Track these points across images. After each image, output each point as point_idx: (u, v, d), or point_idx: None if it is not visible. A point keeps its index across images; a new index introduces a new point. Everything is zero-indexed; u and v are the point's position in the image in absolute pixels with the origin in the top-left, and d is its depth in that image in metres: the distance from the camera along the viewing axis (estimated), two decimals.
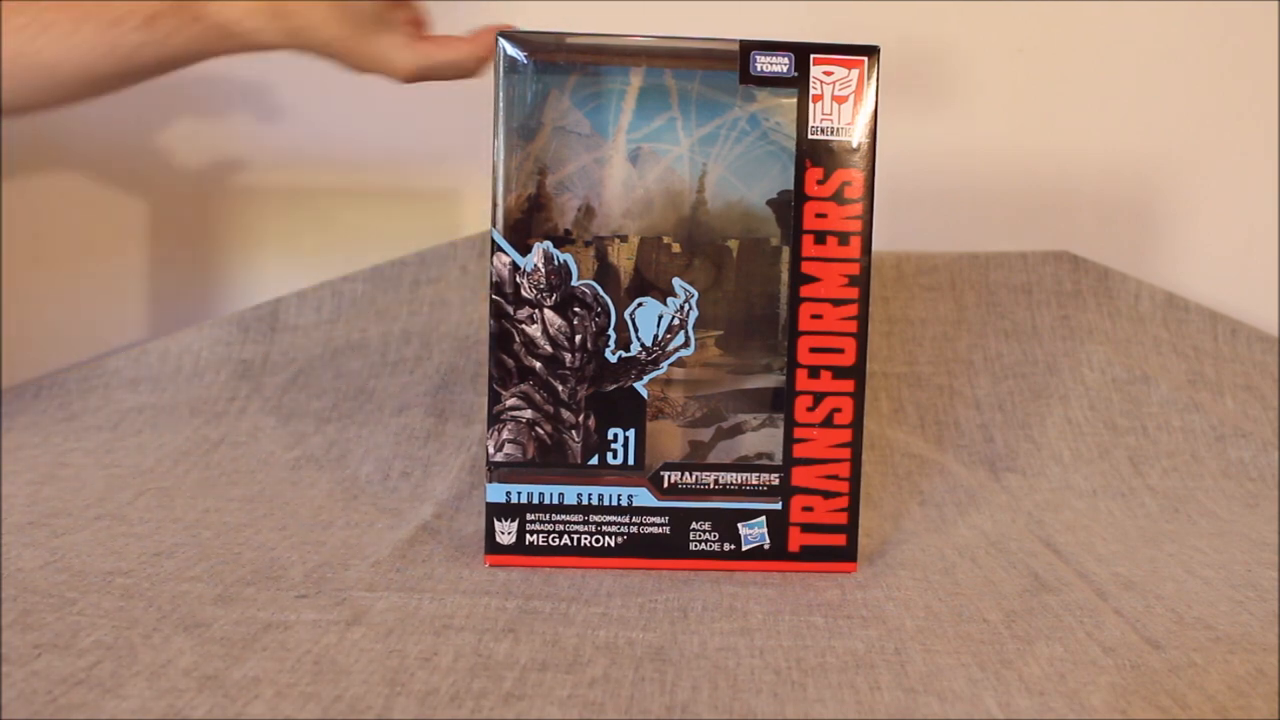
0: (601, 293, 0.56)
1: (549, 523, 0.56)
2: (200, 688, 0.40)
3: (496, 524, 0.56)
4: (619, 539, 0.57)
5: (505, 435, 0.56)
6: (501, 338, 0.56)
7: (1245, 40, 0.96)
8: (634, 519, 0.56)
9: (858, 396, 0.57)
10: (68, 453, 0.75)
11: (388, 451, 0.75)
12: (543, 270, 0.55)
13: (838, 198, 0.56)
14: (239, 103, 0.99)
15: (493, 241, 0.55)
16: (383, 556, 0.56)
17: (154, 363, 0.88)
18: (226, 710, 0.39)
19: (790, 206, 0.56)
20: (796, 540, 0.57)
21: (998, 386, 0.82)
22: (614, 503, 0.56)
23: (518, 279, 0.55)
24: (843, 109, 0.56)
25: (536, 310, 0.55)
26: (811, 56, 0.56)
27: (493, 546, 0.56)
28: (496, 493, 0.56)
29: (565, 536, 0.57)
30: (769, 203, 0.55)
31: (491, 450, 0.56)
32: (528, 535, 0.56)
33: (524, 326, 0.55)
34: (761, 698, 0.41)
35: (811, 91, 0.56)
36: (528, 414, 0.56)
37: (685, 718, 0.40)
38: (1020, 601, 0.53)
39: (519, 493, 0.56)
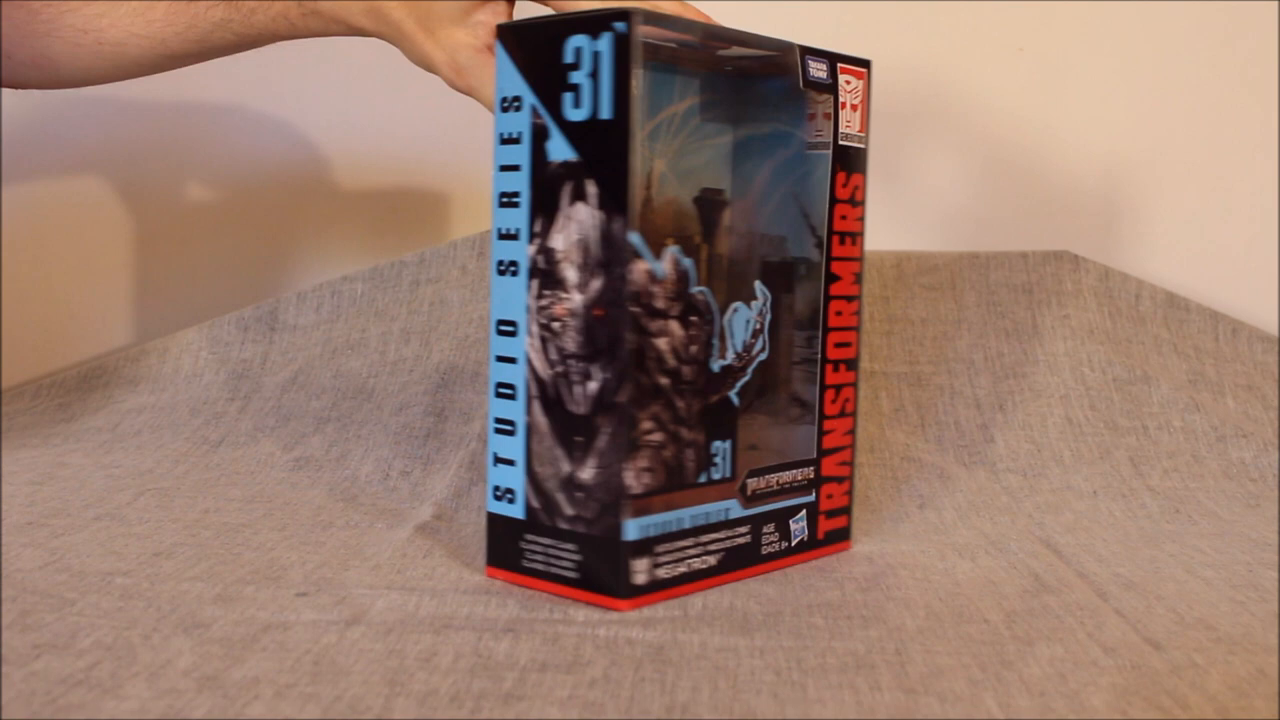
0: (711, 300, 0.53)
1: (673, 551, 0.52)
2: (200, 688, 0.40)
3: (633, 564, 0.50)
4: (719, 555, 0.54)
5: (643, 464, 0.50)
6: (640, 355, 0.50)
7: (1245, 40, 0.96)
8: (728, 532, 0.54)
9: (857, 385, 0.60)
10: (67, 453, 0.75)
11: (387, 451, 0.75)
12: (673, 277, 0.51)
13: (853, 200, 0.59)
14: (238, 103, 0.99)
15: (630, 245, 0.49)
16: (382, 556, 0.56)
17: (154, 363, 0.88)
18: (226, 710, 0.39)
19: (711, 205, 0.53)
20: (823, 528, 0.59)
21: (998, 386, 0.82)
22: (717, 519, 0.54)
23: (651, 288, 0.50)
24: (856, 116, 0.59)
25: (665, 322, 0.51)
26: (838, 65, 0.58)
27: (630, 590, 0.50)
28: (635, 529, 0.50)
29: (683, 563, 0.52)
30: (694, 200, 0.53)
31: (632, 482, 0.50)
32: (658, 570, 0.51)
33: (655, 341, 0.50)
34: (761, 698, 0.41)
35: (840, 99, 0.58)
36: (658, 437, 0.51)
37: (685, 718, 0.40)
38: (1021, 602, 0.53)
39: (650, 525, 0.51)
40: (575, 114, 0.50)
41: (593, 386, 0.50)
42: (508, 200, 0.52)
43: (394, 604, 0.50)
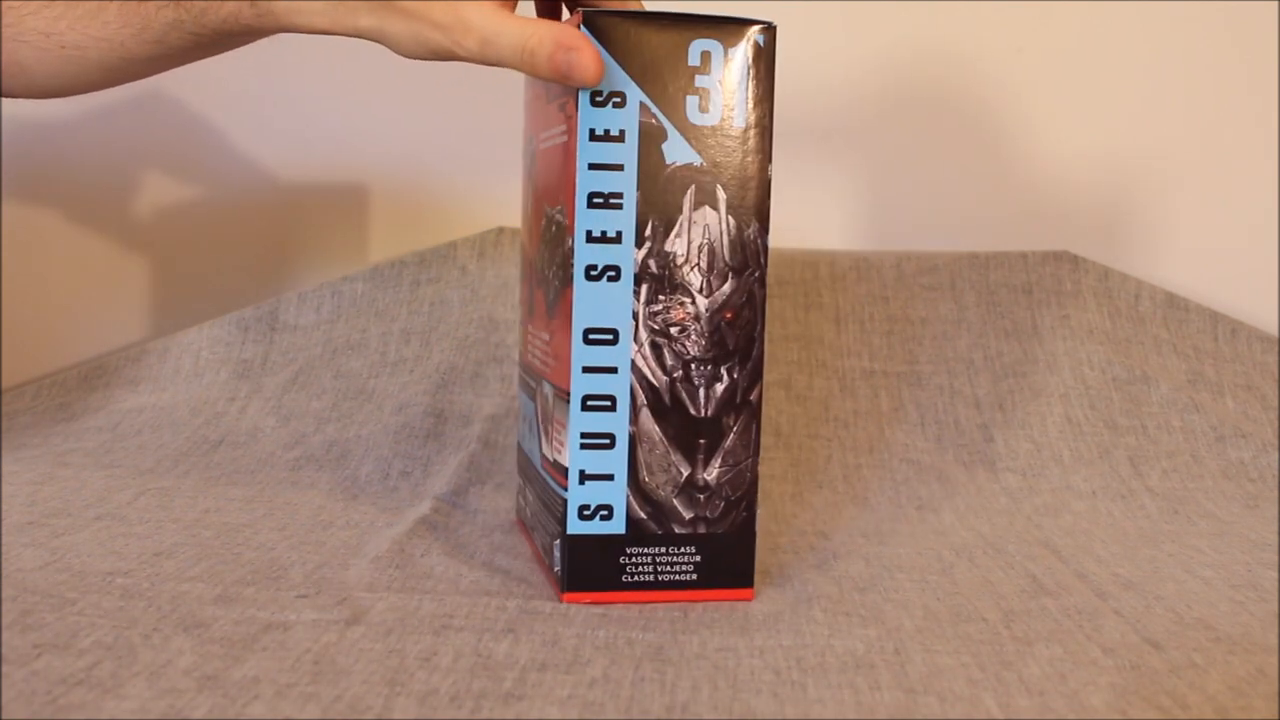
0: None
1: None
2: (200, 688, 0.40)
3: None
4: None
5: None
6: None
7: (1245, 40, 0.96)
8: None
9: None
10: (68, 453, 0.75)
11: (388, 451, 0.75)
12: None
13: None
14: (239, 103, 0.99)
15: (766, 249, 0.51)
16: (382, 556, 0.56)
17: (154, 363, 0.88)
18: (226, 710, 0.39)
19: None
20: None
21: (998, 386, 0.82)
22: None
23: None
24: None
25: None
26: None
27: (752, 579, 0.53)
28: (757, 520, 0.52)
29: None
30: None
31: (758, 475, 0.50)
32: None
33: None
34: (761, 698, 0.41)
35: None
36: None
37: (685, 718, 0.40)
38: (1019, 602, 0.53)
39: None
40: (701, 118, 0.49)
41: (719, 388, 0.50)
42: (601, 201, 0.49)
43: (394, 604, 0.50)
